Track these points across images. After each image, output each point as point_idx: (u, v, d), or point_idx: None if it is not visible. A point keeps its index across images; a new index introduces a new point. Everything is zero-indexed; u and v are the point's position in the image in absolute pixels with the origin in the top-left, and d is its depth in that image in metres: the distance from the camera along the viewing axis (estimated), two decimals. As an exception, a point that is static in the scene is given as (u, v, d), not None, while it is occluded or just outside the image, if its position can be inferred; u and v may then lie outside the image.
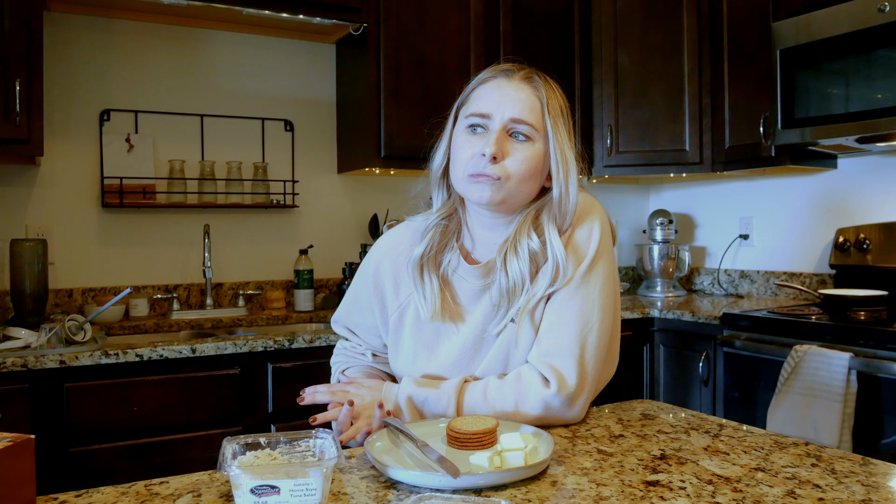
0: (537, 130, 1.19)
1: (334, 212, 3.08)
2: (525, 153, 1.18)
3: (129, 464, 2.01)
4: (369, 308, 1.34)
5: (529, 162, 1.18)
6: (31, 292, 2.29)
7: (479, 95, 1.22)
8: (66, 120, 2.60)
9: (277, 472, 0.80)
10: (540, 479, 0.93)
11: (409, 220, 1.35)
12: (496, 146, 1.16)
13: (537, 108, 1.19)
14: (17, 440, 0.78)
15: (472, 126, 1.20)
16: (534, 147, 1.19)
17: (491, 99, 1.20)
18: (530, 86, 1.20)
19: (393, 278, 1.30)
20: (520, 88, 1.20)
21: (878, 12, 2.31)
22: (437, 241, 1.26)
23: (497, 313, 1.21)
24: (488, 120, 1.19)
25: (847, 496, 0.86)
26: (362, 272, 1.36)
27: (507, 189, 1.18)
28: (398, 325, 1.29)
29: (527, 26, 3.05)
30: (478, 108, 1.20)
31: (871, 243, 2.74)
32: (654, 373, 2.91)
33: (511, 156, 1.17)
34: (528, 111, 1.18)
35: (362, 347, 1.39)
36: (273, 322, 2.72)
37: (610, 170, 3.20)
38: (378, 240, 1.39)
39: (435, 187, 1.30)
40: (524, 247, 1.19)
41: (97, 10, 2.58)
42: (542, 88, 1.20)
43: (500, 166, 1.16)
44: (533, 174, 1.19)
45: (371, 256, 1.36)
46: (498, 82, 1.21)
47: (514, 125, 1.18)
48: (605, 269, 1.21)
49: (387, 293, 1.31)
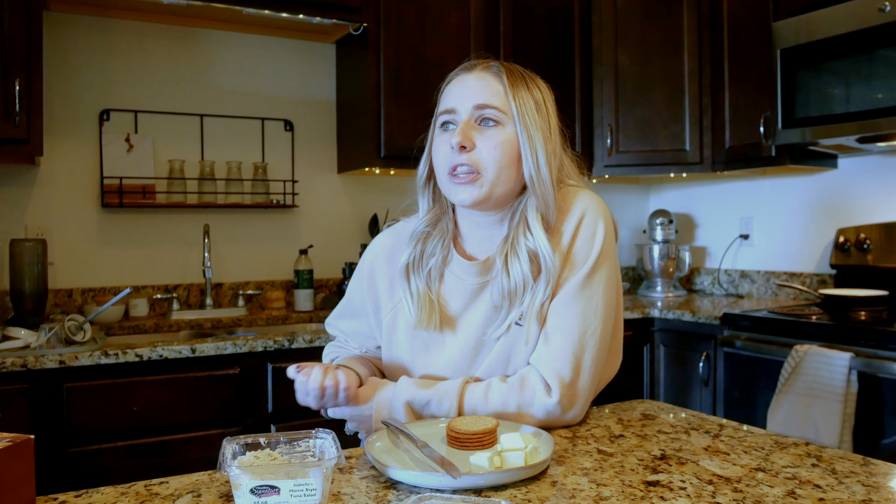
0: (504, 113, 1.18)
1: (334, 212, 3.08)
2: (497, 138, 1.17)
3: (129, 464, 2.01)
4: (363, 311, 1.33)
5: (503, 146, 1.17)
6: (31, 292, 2.29)
7: (445, 95, 1.24)
8: (65, 120, 2.60)
9: (277, 473, 0.80)
10: (540, 479, 0.93)
11: (405, 220, 1.35)
12: (461, 135, 1.16)
13: (500, 91, 1.19)
14: (16, 440, 0.78)
15: (443, 124, 1.22)
16: (505, 131, 1.18)
17: (454, 93, 1.21)
18: (490, 73, 1.21)
19: (388, 279, 1.30)
20: (480, 77, 1.21)
21: (878, 12, 2.31)
22: (420, 248, 1.26)
23: (498, 315, 1.19)
24: (455, 115, 1.20)
25: (847, 496, 0.86)
26: (357, 273, 1.36)
27: (487, 182, 1.17)
28: (392, 327, 1.28)
29: (527, 26, 3.05)
30: (444, 104, 1.22)
31: (871, 243, 2.74)
32: (655, 373, 2.90)
33: (482, 143, 1.17)
34: (490, 95, 1.18)
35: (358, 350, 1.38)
36: (273, 322, 2.72)
37: (610, 170, 3.20)
38: (374, 239, 1.39)
39: (420, 195, 1.30)
40: (522, 247, 1.18)
41: (97, 10, 2.58)
42: (502, 74, 1.20)
43: (472, 156, 1.16)
44: (510, 159, 1.18)
45: (366, 256, 1.36)
46: (460, 78, 1.23)
47: (479, 112, 1.18)
48: (608, 269, 1.20)
49: (381, 294, 1.30)
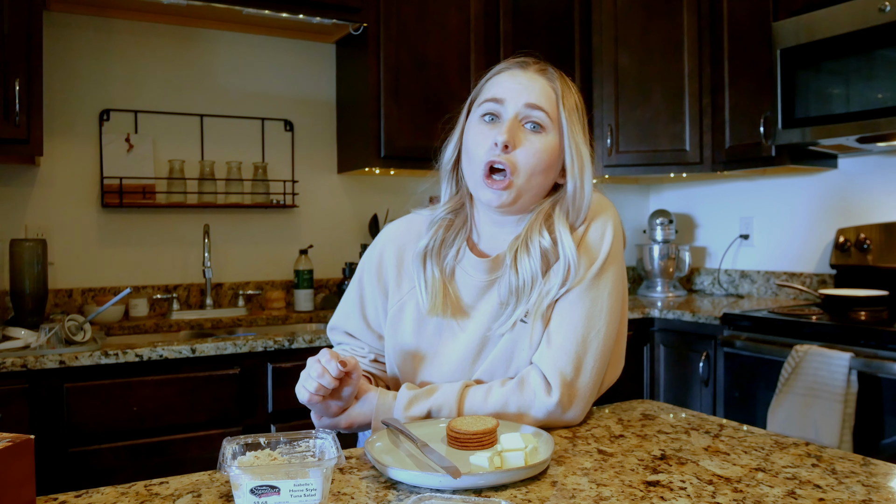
0: (552, 120, 1.17)
1: (334, 212, 3.08)
2: (538, 144, 1.16)
3: (129, 464, 2.01)
4: (373, 301, 1.30)
5: (541, 154, 1.16)
6: (31, 292, 2.29)
7: (493, 84, 1.21)
8: (65, 120, 2.60)
9: (277, 473, 0.80)
10: (540, 479, 0.93)
11: (416, 212, 1.33)
12: (508, 134, 1.14)
13: (552, 98, 1.18)
14: (16, 440, 0.78)
15: (486, 114, 1.19)
16: (547, 138, 1.17)
17: (505, 86, 1.18)
18: (545, 77, 1.20)
19: (396, 269, 1.28)
20: (534, 79, 1.19)
21: (878, 12, 2.31)
22: (441, 235, 1.24)
23: (504, 312, 1.18)
24: (501, 106, 1.17)
25: (847, 496, 0.86)
26: (366, 263, 1.32)
27: (516, 187, 1.16)
28: (397, 319, 1.26)
29: (527, 26, 3.05)
30: (491, 93, 1.19)
31: (871, 243, 2.74)
32: (655, 373, 2.90)
33: (522, 146, 1.15)
34: (543, 98, 1.17)
35: (365, 350, 1.33)
36: (273, 322, 2.72)
37: (610, 170, 3.20)
38: (383, 229, 1.37)
39: (444, 180, 1.28)
40: (536, 245, 1.17)
41: (97, 9, 2.58)
42: (556, 81, 1.19)
43: (511, 157, 1.15)
44: (545, 168, 1.17)
45: (375, 245, 1.33)
46: (512, 72, 1.20)
47: (528, 111, 1.16)
48: (616, 272, 1.19)
49: (389, 283, 1.28)
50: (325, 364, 1.08)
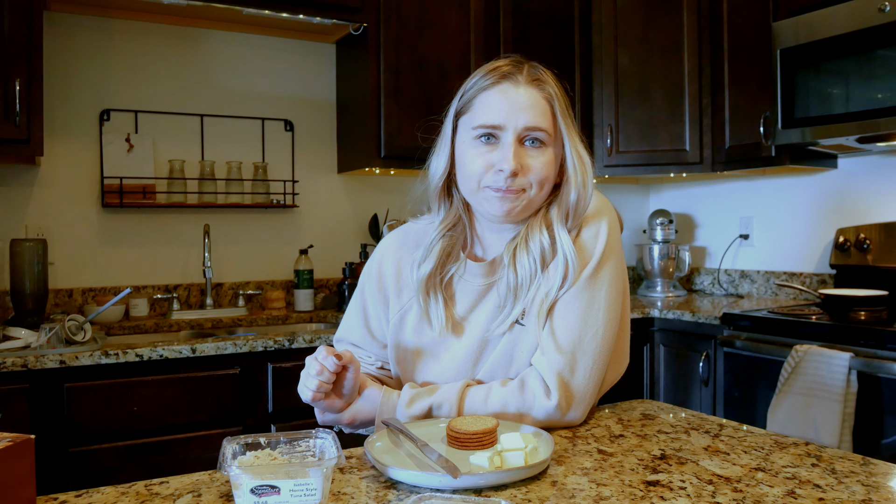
0: (551, 135, 1.17)
1: (334, 212, 3.08)
2: (543, 159, 1.16)
3: (129, 464, 2.01)
4: (375, 312, 1.31)
5: (548, 167, 1.16)
6: (31, 292, 2.29)
7: (484, 104, 1.17)
8: (66, 120, 2.60)
9: (277, 472, 0.80)
10: (540, 479, 0.93)
11: (413, 221, 1.33)
12: (515, 161, 1.13)
13: (548, 112, 1.16)
14: (17, 440, 0.78)
15: (482, 136, 1.16)
16: (549, 152, 1.17)
17: (500, 109, 1.15)
18: (538, 89, 1.17)
19: (395, 280, 1.29)
20: (529, 94, 1.15)
21: (878, 12, 2.31)
22: (441, 260, 1.23)
23: (502, 312, 1.18)
24: (500, 131, 1.15)
25: (847, 496, 0.86)
26: (366, 276, 1.34)
27: (528, 199, 1.17)
28: (399, 327, 1.27)
29: (527, 26, 3.05)
30: (487, 119, 1.15)
31: (871, 243, 2.74)
32: (654, 373, 2.91)
33: (530, 164, 1.15)
34: (541, 117, 1.15)
35: (371, 359, 1.34)
36: (273, 322, 2.72)
37: (610, 170, 3.20)
38: (380, 242, 1.38)
39: (435, 198, 1.26)
40: (536, 242, 1.17)
41: (97, 10, 2.58)
42: (547, 86, 1.17)
43: (520, 181, 1.15)
44: (551, 178, 1.18)
45: (374, 258, 1.34)
46: (503, 88, 1.16)
47: (528, 133, 1.15)
48: (613, 271, 1.18)
49: (390, 293, 1.29)
50: (322, 361, 1.10)
